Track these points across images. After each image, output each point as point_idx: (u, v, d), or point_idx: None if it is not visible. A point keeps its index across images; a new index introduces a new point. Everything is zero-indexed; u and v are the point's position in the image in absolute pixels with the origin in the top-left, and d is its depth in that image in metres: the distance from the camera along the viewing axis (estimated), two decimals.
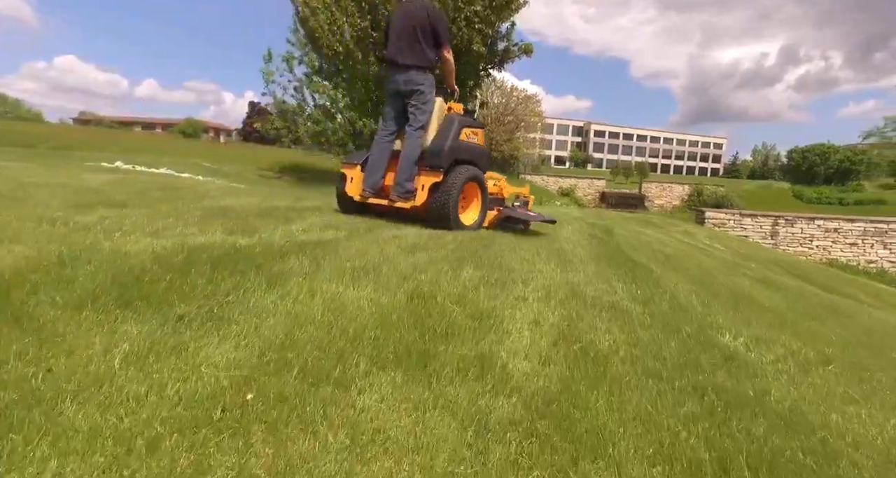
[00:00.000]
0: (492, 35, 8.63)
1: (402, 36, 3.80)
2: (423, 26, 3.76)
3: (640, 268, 3.82)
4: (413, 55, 3.80)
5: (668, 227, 11.94)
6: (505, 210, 4.68)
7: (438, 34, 3.77)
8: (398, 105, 3.96)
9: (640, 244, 5.78)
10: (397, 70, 3.86)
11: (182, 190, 5.26)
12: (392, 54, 3.85)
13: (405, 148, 3.86)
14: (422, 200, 3.80)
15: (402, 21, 3.81)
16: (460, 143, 3.94)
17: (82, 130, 38.51)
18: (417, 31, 3.75)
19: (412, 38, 3.78)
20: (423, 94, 3.83)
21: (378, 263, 2.58)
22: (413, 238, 3.59)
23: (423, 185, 3.78)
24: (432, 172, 3.75)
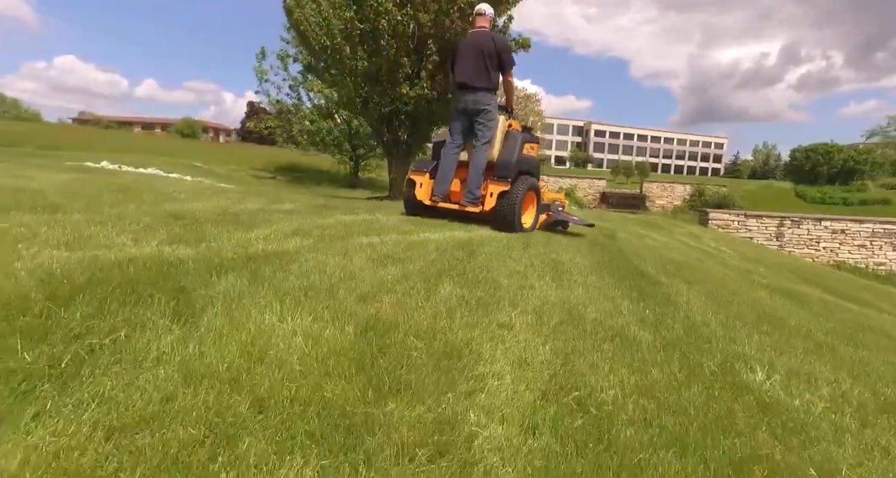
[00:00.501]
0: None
1: (472, 62, 4.33)
2: (491, 54, 4.30)
3: (648, 280, 3.38)
4: (481, 79, 4.34)
5: (673, 229, 11.49)
6: (553, 214, 5.24)
7: (504, 62, 4.37)
8: (465, 122, 4.46)
9: (645, 250, 5.34)
10: (466, 91, 4.38)
11: (146, 192, 4.83)
12: (462, 78, 4.40)
13: (474, 160, 4.36)
14: (490, 206, 4.30)
15: (472, 49, 4.35)
16: (523, 156, 4.48)
17: (77, 130, 38.15)
18: (485, 58, 4.29)
19: (481, 64, 4.31)
20: (489, 113, 4.37)
21: (336, 281, 2.14)
22: (390, 247, 3.15)
23: (491, 192, 4.28)
24: (501, 181, 4.26)
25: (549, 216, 5.07)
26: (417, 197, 4.61)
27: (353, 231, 3.67)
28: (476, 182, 4.34)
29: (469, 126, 4.42)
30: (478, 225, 4.41)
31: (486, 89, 4.34)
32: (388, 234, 3.79)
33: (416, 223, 4.73)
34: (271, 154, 26.82)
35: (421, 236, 3.78)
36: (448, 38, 8.04)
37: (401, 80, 8.05)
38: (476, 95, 4.34)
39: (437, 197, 4.51)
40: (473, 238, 3.99)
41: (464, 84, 4.38)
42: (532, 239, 4.65)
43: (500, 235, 4.49)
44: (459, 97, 4.42)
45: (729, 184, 38.31)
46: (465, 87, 4.38)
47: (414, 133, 9.00)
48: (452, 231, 4.47)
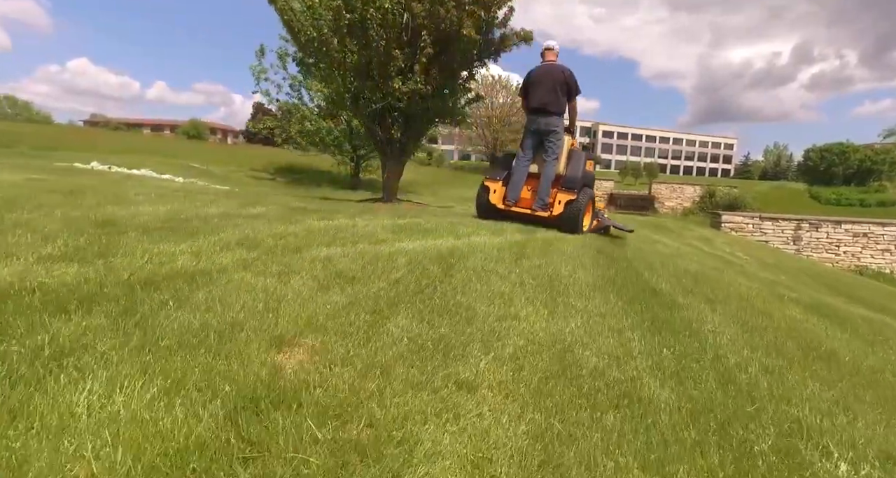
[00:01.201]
0: (485, 19, 7.62)
1: (547, 90, 4.96)
2: (562, 83, 4.97)
3: (663, 300, 2.80)
4: (554, 105, 4.97)
5: (684, 232, 10.85)
6: (601, 220, 5.77)
7: (572, 90, 5.00)
8: (536, 140, 5.08)
9: (656, 259, 4.74)
10: (541, 115, 4.99)
11: (94, 195, 4.31)
12: (538, 103, 4.99)
13: (545, 172, 4.98)
14: (558, 212, 4.95)
15: (547, 78, 5.00)
16: (586, 172, 5.17)
17: (84, 132, 38.05)
18: (557, 86, 4.95)
19: (554, 92, 4.95)
20: (558, 134, 5.01)
21: (247, 317, 1.59)
22: (350, 261, 2.61)
23: (560, 200, 4.91)
24: (569, 192, 4.91)
25: (598, 222, 5.62)
26: (491, 201, 5.24)
27: (315, 240, 3.12)
28: (546, 191, 4.96)
29: (539, 143, 5.06)
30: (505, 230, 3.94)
31: (558, 114, 5.00)
32: (358, 244, 3.24)
33: (398, 231, 4.19)
34: (273, 155, 26.38)
35: (395, 247, 3.23)
36: (443, 29, 7.50)
37: (392, 74, 7.51)
38: (549, 119, 4.98)
39: (510, 202, 5.13)
40: (456, 248, 3.42)
41: (539, 108, 4.99)
42: (528, 248, 4.08)
43: (490, 244, 3.93)
44: (533, 119, 5.04)
45: (740, 185, 37.36)
46: (540, 111, 5.00)
47: (408, 131, 8.45)
48: (436, 239, 3.92)
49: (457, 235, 4.31)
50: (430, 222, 5.16)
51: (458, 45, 7.52)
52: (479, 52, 8.21)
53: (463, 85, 8.90)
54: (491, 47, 8.55)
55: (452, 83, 8.27)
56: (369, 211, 6.04)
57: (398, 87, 7.48)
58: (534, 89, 5.02)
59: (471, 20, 7.31)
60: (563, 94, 4.97)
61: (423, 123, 8.54)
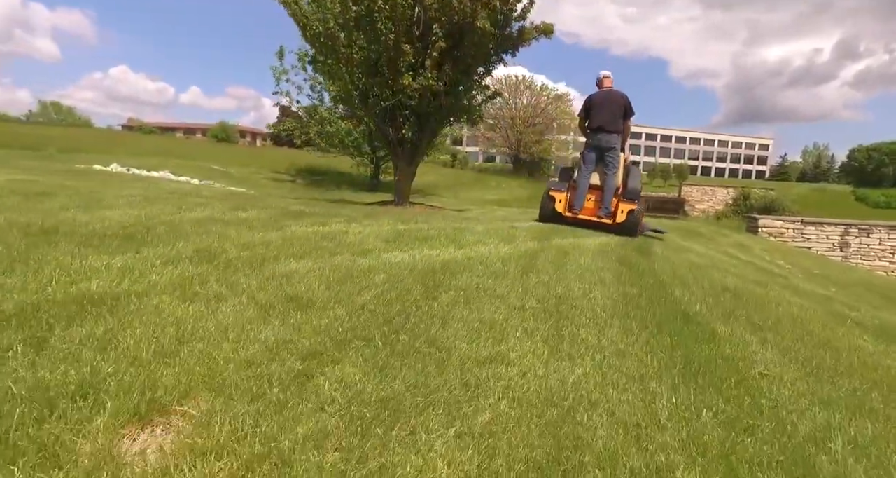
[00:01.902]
0: (502, 10, 7.14)
1: (608, 112, 5.59)
2: (620, 106, 5.62)
3: (698, 330, 2.27)
4: (614, 125, 5.58)
5: (717, 238, 10.07)
6: (643, 225, 6.09)
7: (627, 112, 5.65)
8: (598, 155, 5.64)
9: (688, 271, 4.17)
10: (603, 133, 5.58)
11: (71, 196, 4.02)
12: (601, 123, 5.60)
13: (607, 184, 5.59)
14: (621, 220, 5.45)
15: (608, 102, 5.64)
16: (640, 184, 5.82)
17: (119, 135, 38.99)
18: (616, 109, 5.59)
19: (614, 114, 5.58)
20: (616, 150, 5.61)
21: (123, 365, 1.17)
22: (315, 278, 2.18)
23: (622, 210, 5.44)
24: (630, 202, 5.48)
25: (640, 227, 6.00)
26: (557, 209, 5.74)
27: (287, 251, 2.71)
28: (608, 201, 5.56)
29: (599, 158, 5.63)
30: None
31: (617, 132, 5.60)
32: (337, 255, 2.81)
33: (393, 238, 3.75)
34: (295, 157, 26.41)
35: (378, 259, 2.79)
36: (456, 22, 7.04)
37: (403, 70, 7.09)
38: (610, 137, 5.57)
39: (577, 210, 5.67)
40: (452, 261, 2.96)
41: (601, 128, 5.60)
42: (540, 259, 3.58)
43: (495, 254, 3.45)
44: (595, 137, 5.63)
45: (777, 187, 35.56)
46: (603, 130, 5.59)
47: (420, 130, 8.02)
48: (433, 249, 3.46)
49: (459, 244, 3.84)
50: (433, 228, 4.71)
51: (472, 38, 7.05)
52: (495, 46, 7.72)
53: (479, 81, 8.41)
54: (509, 41, 8.05)
55: (467, 79, 7.79)
56: (373, 215, 5.64)
57: (408, 84, 7.06)
58: (596, 111, 5.67)
59: (485, 11, 6.83)
60: (621, 116, 5.63)
61: (436, 121, 8.09)
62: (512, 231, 5.29)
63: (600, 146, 5.63)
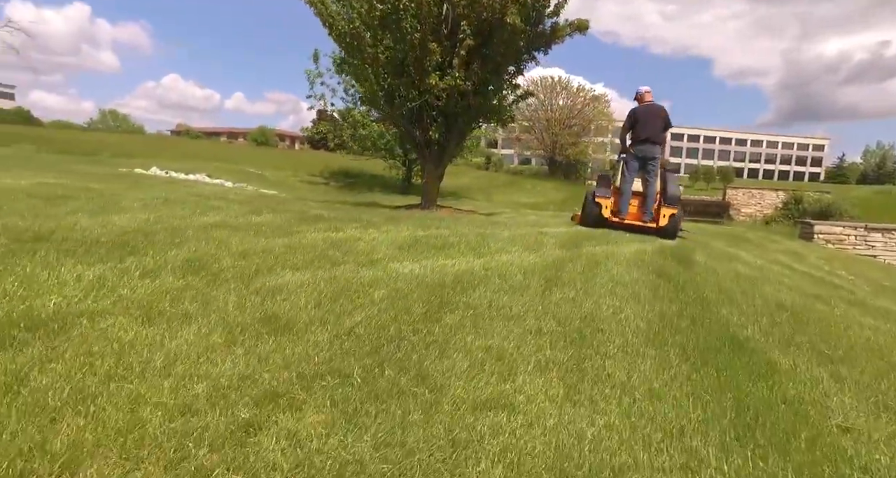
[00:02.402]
0: (534, 6, 6.83)
1: (653, 124, 5.98)
2: (662, 119, 6.05)
3: (751, 361, 1.91)
4: (657, 136, 5.98)
5: (767, 245, 9.33)
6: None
7: (668, 124, 6.13)
8: (640, 164, 5.94)
9: (737, 285, 3.73)
10: (648, 144, 5.93)
11: (90, 201, 3.98)
12: (647, 134, 5.93)
13: (648, 190, 5.95)
14: (664, 224, 5.78)
15: (653, 115, 6.02)
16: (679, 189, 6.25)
17: (167, 140, 40.79)
18: (659, 122, 6.01)
19: (657, 126, 5.99)
20: (657, 160, 5.98)
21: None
22: (306, 294, 1.95)
23: (664, 214, 5.79)
24: (672, 207, 5.84)
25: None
26: (603, 215, 5.97)
27: (288, 261, 2.51)
28: (651, 205, 5.94)
29: (641, 166, 5.97)
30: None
31: (660, 143, 6.02)
32: (340, 266, 2.59)
33: (408, 246, 3.52)
34: (330, 159, 26.74)
35: (385, 271, 2.54)
36: (485, 18, 6.77)
37: (429, 69, 6.87)
38: (654, 148, 5.96)
39: (623, 215, 5.94)
40: (469, 272, 2.68)
41: (648, 139, 5.97)
42: (566, 270, 3.25)
43: (518, 264, 3.15)
44: (640, 148, 5.95)
45: (833, 190, 33.26)
46: (649, 142, 5.96)
47: (448, 132, 7.77)
48: (450, 258, 3.20)
49: (479, 253, 3.55)
50: (455, 234, 4.44)
51: (502, 35, 6.76)
52: (526, 43, 7.39)
53: (509, 81, 8.10)
54: (541, 39, 7.70)
55: (497, 79, 7.50)
56: (395, 219, 5.43)
57: (435, 84, 6.83)
58: (642, 124, 6.06)
59: (516, 7, 6.52)
60: (662, 128, 6.06)
61: (464, 122, 7.82)
62: (540, 238, 4.96)
63: (645, 156, 6.03)
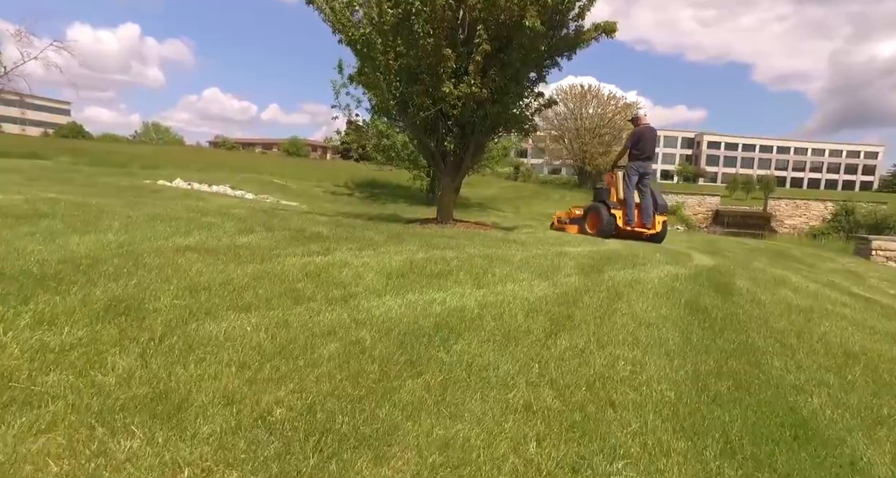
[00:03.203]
0: (557, 8, 6.39)
1: (651, 144, 6.93)
2: (656, 139, 7.13)
3: (825, 458, 1.38)
4: (652, 153, 6.96)
5: (817, 263, 8.48)
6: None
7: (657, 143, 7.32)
8: (639, 178, 6.73)
9: (787, 322, 3.15)
10: (648, 160, 6.87)
11: (64, 222, 3.74)
12: (648, 153, 6.85)
13: (646, 201, 6.72)
14: (659, 229, 6.78)
15: (651, 135, 6.96)
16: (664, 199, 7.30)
17: (202, 152, 41.94)
18: (655, 141, 7.09)
19: (654, 145, 7.03)
20: (651, 174, 6.99)
21: None
22: (233, 353, 1.55)
23: (659, 221, 6.78)
24: (663, 214, 6.91)
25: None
26: (618, 225, 6.59)
27: (238, 299, 2.13)
28: (652, 213, 6.65)
29: (640, 180, 6.70)
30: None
31: (654, 160, 6.97)
32: (308, 302, 2.20)
33: (401, 273, 3.11)
34: (355, 170, 26.78)
35: (358, 310, 2.13)
36: (503, 21, 6.36)
37: (443, 76, 6.50)
38: (651, 163, 6.88)
39: (633, 224, 6.60)
40: (458, 311, 2.24)
41: (649, 156, 6.82)
42: (580, 306, 2.76)
43: (523, 299, 2.70)
44: (642, 164, 6.72)
45: (890, 200, 31.00)
46: (648, 159, 6.82)
47: (464, 142, 7.36)
48: (442, 290, 2.76)
49: (480, 282, 3.10)
50: (460, 257, 4.00)
51: (521, 39, 6.33)
52: (548, 47, 6.93)
53: (531, 88, 7.63)
54: (564, 43, 7.22)
55: (516, 86, 7.05)
56: (401, 237, 5.03)
57: (449, 92, 6.45)
58: (644, 143, 6.79)
59: (535, 8, 6.09)
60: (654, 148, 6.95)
61: (481, 132, 7.39)
62: (557, 260, 4.45)
63: (646, 172, 6.84)
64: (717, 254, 7.50)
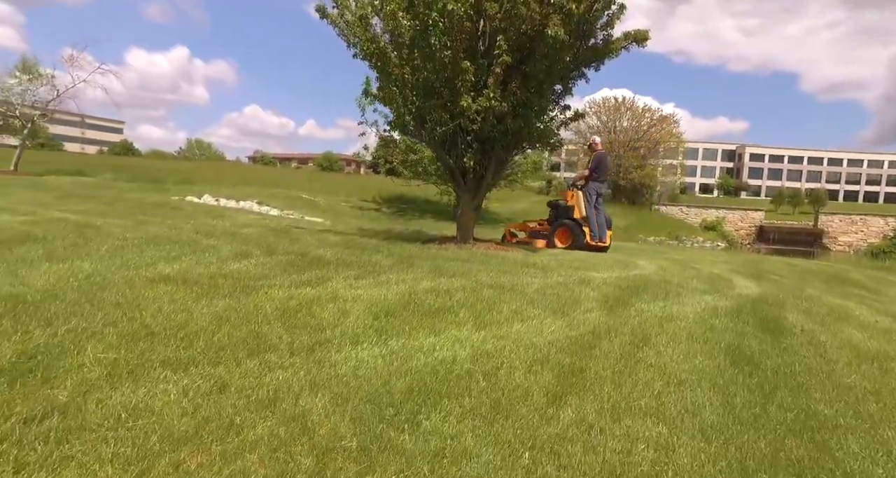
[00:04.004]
0: (584, 17, 6.05)
1: (607, 167, 8.16)
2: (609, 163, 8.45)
3: None
4: (608, 176, 9.09)
5: (883, 288, 7.58)
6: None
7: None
8: (595, 197, 7.70)
9: (858, 375, 2.60)
10: (604, 182, 8.06)
11: (50, 246, 3.59)
12: (605, 175, 7.98)
13: (600, 218, 7.75)
14: (609, 242, 7.88)
15: (606, 160, 8.08)
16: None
17: (238, 167, 43.22)
18: (609, 165, 8.43)
19: (609, 168, 8.66)
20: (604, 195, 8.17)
21: None
22: (121, 444, 1.22)
23: (609, 235, 7.89)
24: (610, 229, 7.97)
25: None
26: (588, 241, 7.45)
27: (182, 351, 1.82)
28: (605, 229, 7.68)
29: (596, 198, 7.67)
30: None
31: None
32: (264, 354, 1.87)
33: (393, 311, 2.78)
34: (384, 185, 26.83)
35: (318, 368, 1.80)
36: (525, 32, 6.03)
37: (462, 90, 6.19)
38: (606, 185, 8.31)
39: (595, 239, 7.48)
40: (440, 369, 1.87)
41: (605, 179, 7.98)
42: (597, 355, 2.33)
43: (530, 345, 2.31)
44: (598, 185, 7.70)
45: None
46: (605, 181, 8.05)
47: (485, 158, 7.00)
48: (436, 334, 2.40)
49: (482, 321, 2.72)
50: (466, 287, 3.61)
51: (543, 49, 5.97)
52: (574, 58, 6.54)
53: (556, 101, 7.23)
54: (591, 54, 6.82)
55: (539, 99, 6.66)
56: (409, 261, 4.68)
57: (467, 106, 6.13)
58: (602, 167, 7.79)
59: (558, 17, 5.72)
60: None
61: (503, 148, 7.01)
62: (578, 289, 3.99)
63: (601, 192, 7.78)
64: (762, 278, 6.79)
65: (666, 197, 36.23)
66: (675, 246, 20.76)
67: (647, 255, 9.80)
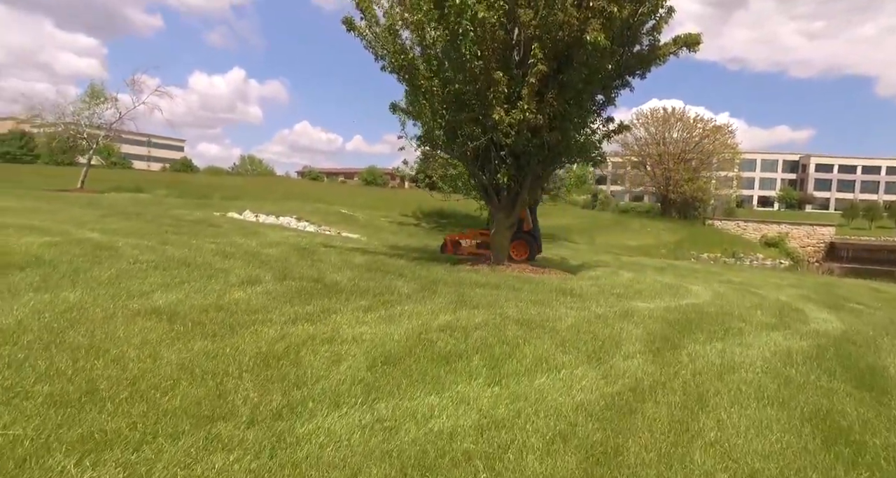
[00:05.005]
0: (628, 22, 5.59)
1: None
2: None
3: None
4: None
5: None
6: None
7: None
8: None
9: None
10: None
11: (70, 267, 3.45)
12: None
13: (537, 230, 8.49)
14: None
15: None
16: None
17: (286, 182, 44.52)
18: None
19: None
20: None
21: None
22: None
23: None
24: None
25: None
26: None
27: (103, 426, 1.50)
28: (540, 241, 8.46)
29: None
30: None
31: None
32: (216, 424, 1.53)
33: (395, 359, 2.41)
34: (424, 199, 26.68)
35: (276, 454, 1.41)
36: (561, 39, 5.58)
37: (493, 102, 5.81)
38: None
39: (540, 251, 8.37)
40: (433, 448, 1.47)
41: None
42: (637, 427, 1.85)
43: (542, 418, 1.89)
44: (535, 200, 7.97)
45: None
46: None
47: (519, 174, 6.56)
48: (438, 393, 2.02)
49: (498, 373, 2.27)
50: (489, 323, 3.17)
51: (581, 56, 5.49)
52: (616, 65, 6.02)
53: (597, 112, 6.71)
54: (636, 61, 6.29)
55: (578, 110, 6.16)
56: (433, 288, 4.29)
57: (500, 119, 5.73)
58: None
59: (598, 22, 5.25)
60: None
61: (539, 163, 6.54)
62: (619, 325, 3.44)
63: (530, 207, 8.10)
64: (841, 308, 5.89)
65: (721, 211, 34.08)
66: (733, 265, 19.24)
67: (701, 276, 8.91)
